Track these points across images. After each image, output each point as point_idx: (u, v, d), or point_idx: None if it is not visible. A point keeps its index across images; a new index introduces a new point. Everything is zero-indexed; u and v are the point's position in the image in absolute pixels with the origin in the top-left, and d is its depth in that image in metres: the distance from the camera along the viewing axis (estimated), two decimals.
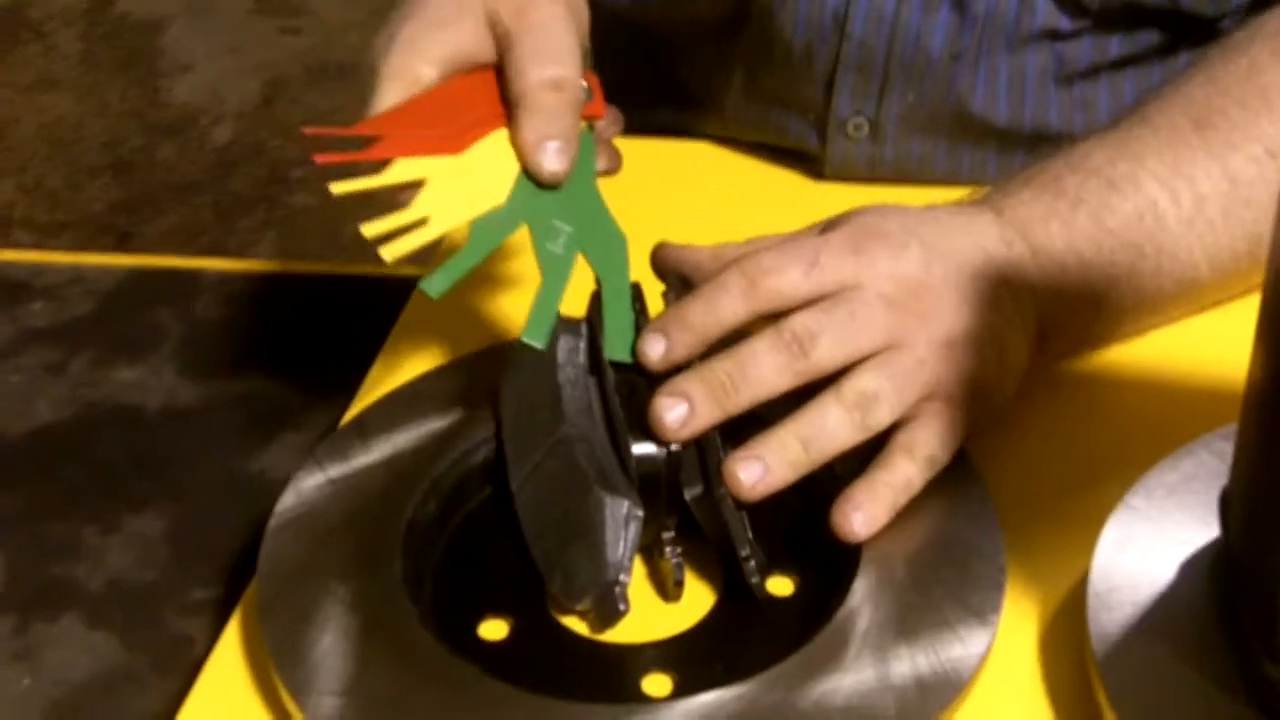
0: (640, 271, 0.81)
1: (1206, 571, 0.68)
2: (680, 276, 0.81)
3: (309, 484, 0.77)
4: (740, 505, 0.73)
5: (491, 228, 0.76)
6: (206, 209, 2.91)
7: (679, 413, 0.73)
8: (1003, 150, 1.06)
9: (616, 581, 0.71)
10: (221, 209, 2.91)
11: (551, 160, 0.77)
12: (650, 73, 1.18)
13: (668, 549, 0.74)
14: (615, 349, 0.77)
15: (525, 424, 0.78)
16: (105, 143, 3.11)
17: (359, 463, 0.78)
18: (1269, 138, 0.84)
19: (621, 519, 0.72)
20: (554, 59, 0.79)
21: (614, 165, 0.89)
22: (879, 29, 1.01)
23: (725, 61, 1.10)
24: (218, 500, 0.87)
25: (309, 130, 0.76)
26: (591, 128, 0.81)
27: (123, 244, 2.79)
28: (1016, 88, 1.03)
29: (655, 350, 0.76)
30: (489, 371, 0.82)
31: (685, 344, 0.75)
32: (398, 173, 0.75)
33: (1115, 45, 1.03)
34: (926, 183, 1.05)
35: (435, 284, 0.74)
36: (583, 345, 0.79)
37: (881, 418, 0.74)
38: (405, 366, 0.88)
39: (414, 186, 0.76)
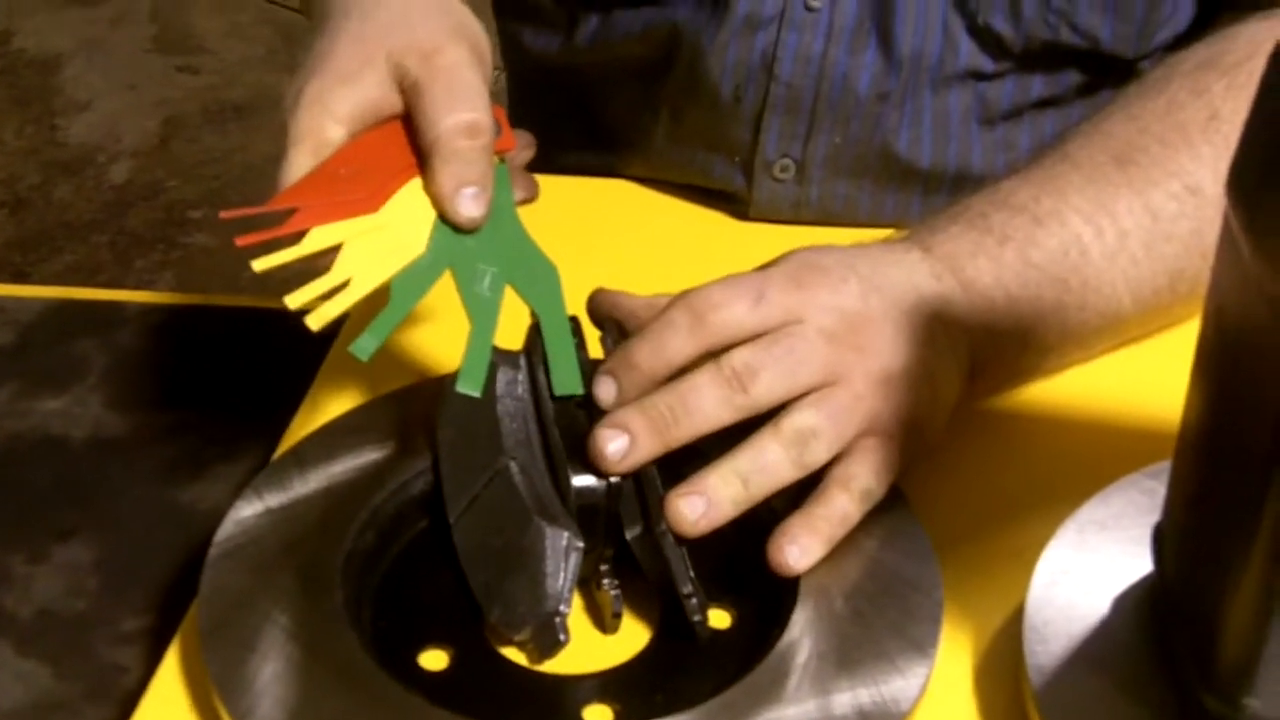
0: (572, 308, 0.81)
1: (1140, 605, 0.69)
2: (617, 323, 0.82)
3: (248, 513, 0.77)
4: (681, 542, 0.73)
5: (414, 280, 0.76)
6: (104, 248, 2.88)
7: (619, 444, 0.74)
8: (927, 192, 1.08)
9: (556, 612, 0.71)
10: (119, 248, 2.89)
11: (469, 206, 0.78)
12: (575, 115, 1.18)
13: (605, 581, 0.75)
14: (561, 383, 0.78)
15: (463, 456, 0.79)
16: (1, 180, 3.08)
17: (297, 492, 0.78)
18: (1188, 174, 0.85)
19: (562, 550, 0.72)
20: (465, 103, 0.79)
21: (531, 194, 0.89)
22: (807, 70, 1.02)
23: (651, 104, 1.11)
24: (147, 530, 0.87)
25: (225, 214, 0.75)
26: (504, 160, 0.81)
27: (18, 283, 2.76)
28: (940, 128, 1.05)
29: (607, 394, 0.76)
30: (425, 403, 0.83)
31: (636, 385, 0.76)
32: (315, 241, 0.75)
33: (1037, 86, 1.05)
34: (850, 224, 1.07)
35: (364, 345, 0.73)
36: (521, 377, 0.79)
37: (819, 455, 0.75)
38: (339, 398, 0.89)
39: (335, 250, 0.75)
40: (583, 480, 0.74)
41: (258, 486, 0.78)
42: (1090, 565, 0.72)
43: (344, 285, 0.74)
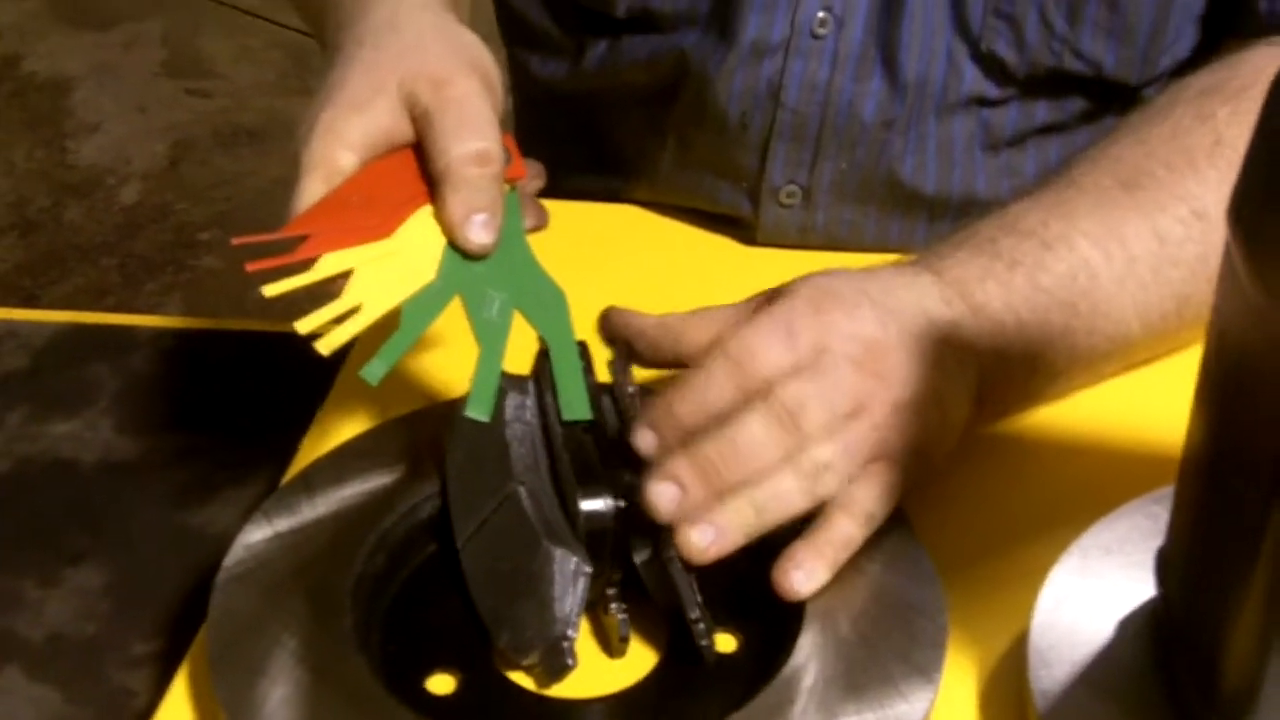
0: (580, 333, 0.81)
1: (1144, 629, 0.70)
2: (627, 344, 0.82)
3: (257, 537, 0.77)
4: (688, 567, 0.73)
5: (424, 306, 0.77)
6: (113, 270, 2.89)
7: (672, 496, 0.73)
8: (932, 218, 1.08)
9: (564, 636, 0.72)
10: (128, 271, 2.89)
11: (479, 233, 0.78)
12: (582, 140, 1.19)
13: (613, 605, 0.75)
14: (570, 409, 0.78)
15: (471, 481, 0.79)
16: (11, 203, 3.09)
17: (306, 517, 0.79)
18: (1195, 198, 0.86)
19: (570, 574, 0.72)
20: (475, 132, 0.79)
21: (540, 221, 0.90)
22: (813, 97, 1.03)
23: (658, 129, 1.12)
24: (157, 554, 0.87)
25: (237, 241, 0.77)
26: (514, 188, 0.82)
27: (28, 305, 2.77)
28: (945, 155, 1.06)
29: (646, 446, 0.76)
30: (433, 428, 0.83)
31: (676, 437, 0.75)
32: (326, 267, 0.76)
33: (1041, 112, 1.06)
34: (856, 249, 1.07)
35: (374, 370, 0.74)
36: (529, 402, 0.79)
37: (831, 487, 0.75)
38: (347, 422, 0.89)
39: (345, 276, 0.76)
40: (590, 505, 0.75)
41: (267, 510, 0.79)
42: (1094, 590, 0.72)
43: (354, 311, 0.75)
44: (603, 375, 0.81)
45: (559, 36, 1.14)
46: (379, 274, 0.76)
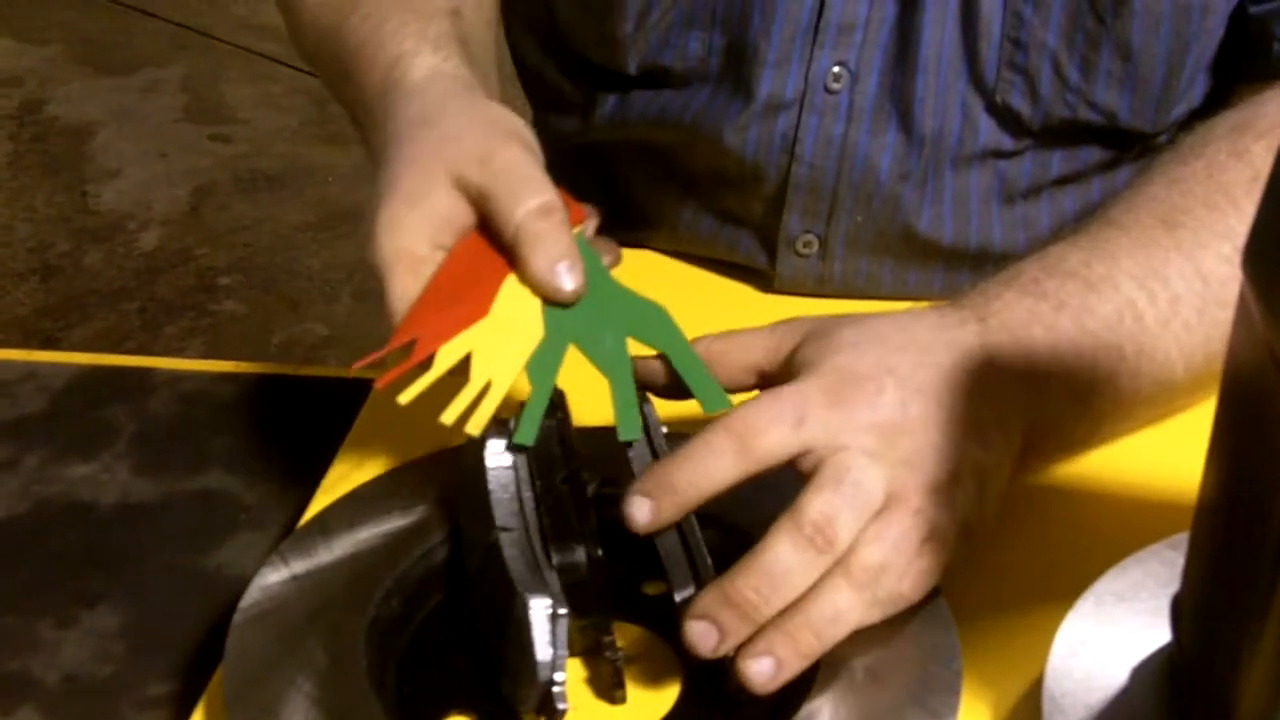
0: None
1: (1158, 676, 0.69)
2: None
3: (273, 580, 0.78)
4: None
5: (544, 364, 0.80)
6: (133, 315, 2.91)
7: (711, 639, 0.71)
8: (948, 268, 1.09)
9: (550, 681, 0.71)
10: (148, 315, 2.91)
11: (565, 280, 0.80)
12: (600, 192, 1.19)
13: (608, 652, 0.75)
14: (711, 403, 0.80)
15: (468, 528, 0.80)
16: (32, 248, 3.11)
17: (322, 559, 0.79)
18: (1237, 235, 0.84)
19: (545, 618, 0.72)
20: (531, 190, 0.81)
21: (615, 255, 0.91)
22: (828, 150, 1.04)
23: (673, 181, 1.12)
24: (173, 596, 0.87)
25: (358, 366, 0.80)
26: (580, 232, 0.85)
27: (48, 349, 2.78)
28: (961, 207, 1.06)
29: (641, 516, 0.74)
30: (447, 472, 0.84)
31: (674, 508, 0.74)
32: (444, 360, 0.78)
33: (1056, 163, 1.06)
34: (874, 297, 1.08)
35: (524, 434, 0.78)
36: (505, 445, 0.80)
37: (892, 586, 0.74)
38: (365, 466, 0.89)
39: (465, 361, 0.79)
40: (565, 557, 0.75)
41: (283, 553, 0.79)
42: (1109, 636, 0.72)
43: (486, 388, 0.78)
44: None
45: (570, 91, 1.15)
46: (493, 349, 0.79)
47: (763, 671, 0.71)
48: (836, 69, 1.02)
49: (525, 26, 1.19)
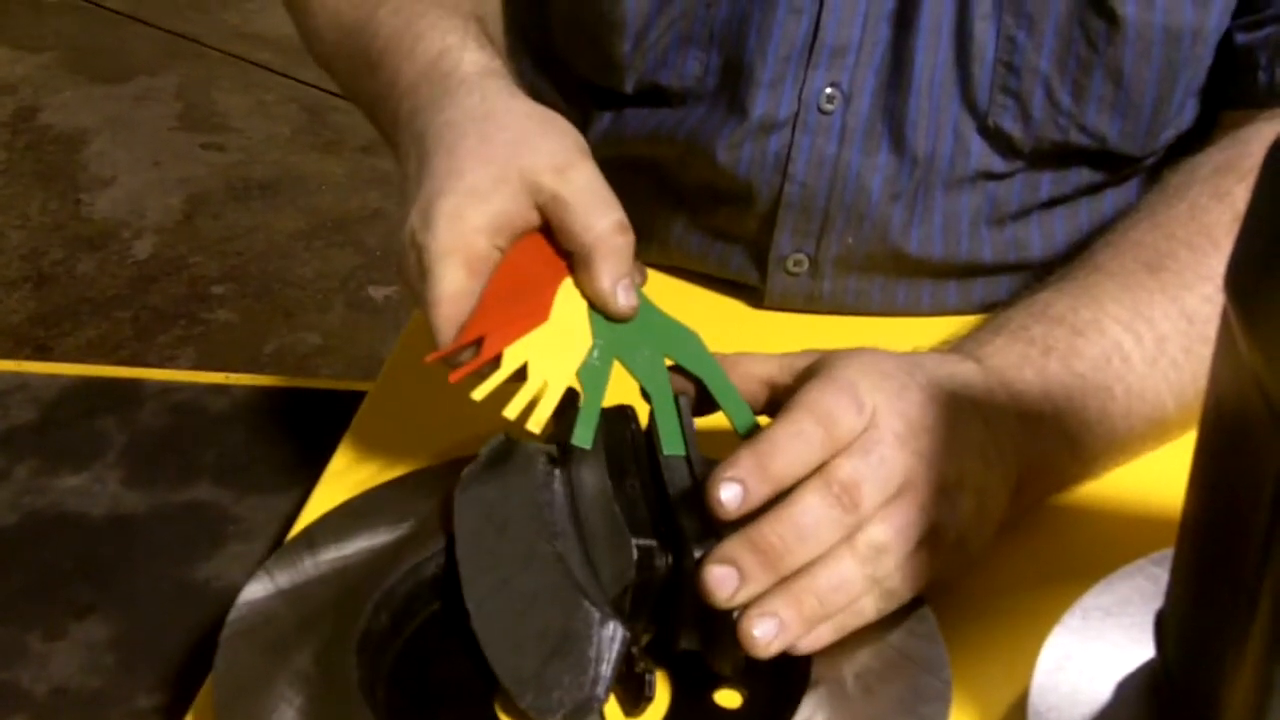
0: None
1: (1142, 691, 0.70)
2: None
3: (261, 594, 0.78)
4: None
5: (595, 373, 0.81)
6: (126, 323, 2.90)
7: (731, 583, 0.72)
8: (936, 283, 1.09)
9: (595, 698, 0.72)
10: (141, 323, 2.91)
11: (626, 297, 0.82)
12: None
13: (641, 664, 0.75)
14: (742, 423, 0.81)
15: (489, 540, 0.80)
16: (25, 255, 3.11)
17: (310, 573, 0.79)
18: (1219, 275, 0.85)
19: (608, 639, 0.72)
20: (610, 206, 0.83)
21: (643, 277, 0.91)
22: (820, 170, 1.04)
23: (666, 198, 1.13)
24: (163, 608, 0.88)
25: (431, 358, 0.80)
26: None
27: (40, 357, 2.78)
28: (951, 228, 1.06)
29: (732, 500, 0.73)
30: (436, 486, 0.84)
31: (763, 494, 0.74)
32: (511, 362, 0.80)
33: (1045, 185, 1.06)
34: (864, 314, 1.09)
35: (581, 436, 0.79)
36: (554, 466, 0.80)
37: (887, 568, 0.75)
38: (354, 479, 0.89)
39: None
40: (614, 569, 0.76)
41: (269, 567, 0.79)
42: (1094, 651, 0.72)
43: (544, 388, 0.79)
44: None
45: (565, 109, 1.15)
46: (552, 351, 0.81)
47: (767, 633, 0.72)
48: (830, 90, 1.03)
49: (521, 45, 1.19)
